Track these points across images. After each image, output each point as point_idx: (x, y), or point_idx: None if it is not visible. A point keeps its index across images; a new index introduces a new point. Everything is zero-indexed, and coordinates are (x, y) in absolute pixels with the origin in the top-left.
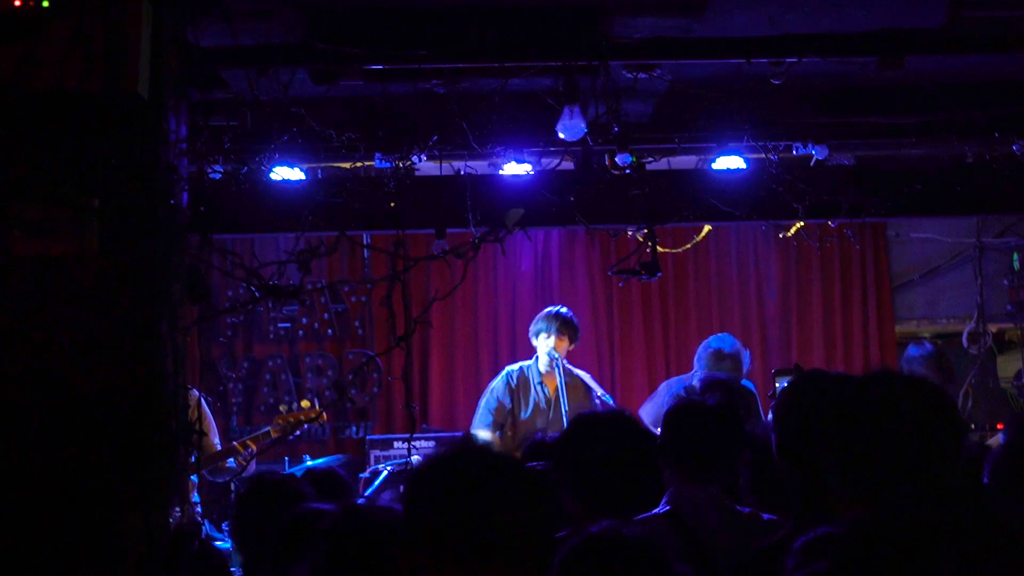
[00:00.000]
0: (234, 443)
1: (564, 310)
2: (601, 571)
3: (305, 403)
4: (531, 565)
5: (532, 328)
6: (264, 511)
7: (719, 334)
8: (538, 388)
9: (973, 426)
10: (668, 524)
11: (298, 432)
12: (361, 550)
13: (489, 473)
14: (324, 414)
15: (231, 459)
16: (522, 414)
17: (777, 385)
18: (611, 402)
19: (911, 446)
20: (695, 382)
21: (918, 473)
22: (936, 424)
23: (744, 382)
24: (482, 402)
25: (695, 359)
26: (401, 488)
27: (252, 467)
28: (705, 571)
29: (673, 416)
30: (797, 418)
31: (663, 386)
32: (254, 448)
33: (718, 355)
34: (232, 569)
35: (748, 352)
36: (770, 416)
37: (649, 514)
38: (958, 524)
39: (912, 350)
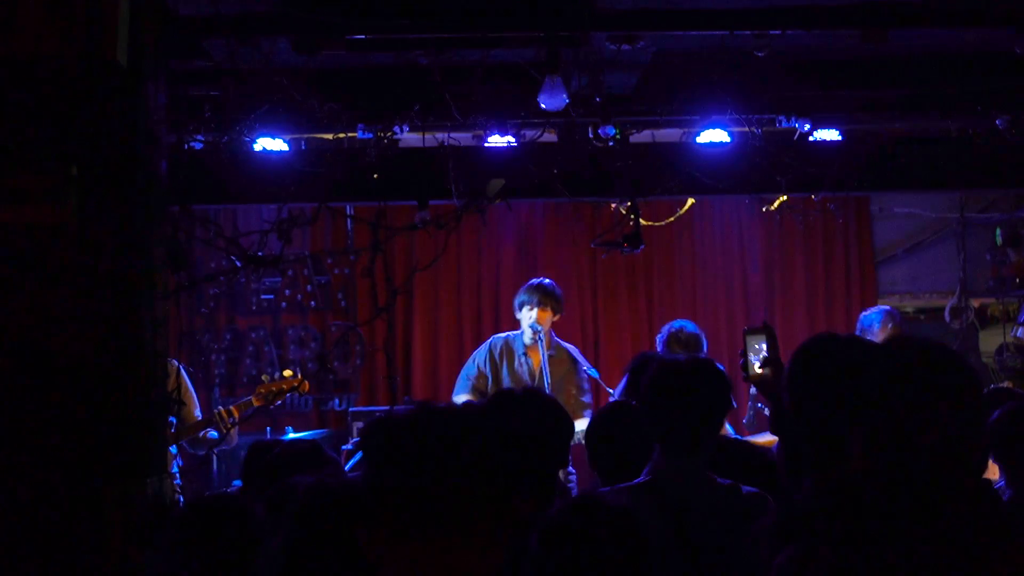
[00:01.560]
0: (217, 410)
1: (547, 281)
2: (581, 538)
3: (287, 372)
4: (494, 534)
5: (516, 300)
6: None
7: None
8: (523, 359)
9: None
10: (646, 494)
11: (279, 402)
12: (329, 526)
13: (450, 434)
14: (307, 383)
15: (212, 430)
16: (505, 384)
17: (748, 344)
18: (597, 376)
19: (924, 411)
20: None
21: (928, 438)
22: (951, 389)
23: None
24: (463, 370)
25: (658, 345)
26: None
27: (235, 439)
28: (683, 541)
29: (654, 382)
30: (813, 382)
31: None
32: (236, 416)
33: (678, 335)
34: None
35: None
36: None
37: (629, 483)
38: (947, 491)
39: None
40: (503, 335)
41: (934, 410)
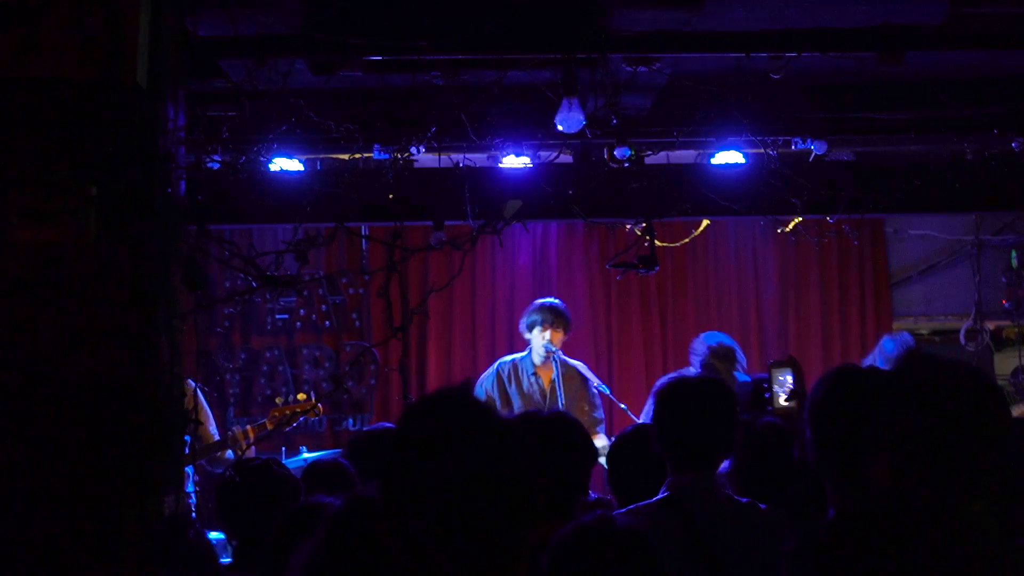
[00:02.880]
0: (232, 430)
1: (557, 301)
2: (591, 561)
3: (301, 396)
4: (521, 557)
5: (524, 321)
6: (248, 496)
7: (713, 332)
8: (532, 380)
9: None
10: (666, 510)
11: (295, 424)
12: (361, 538)
13: (477, 437)
14: (320, 406)
15: (229, 450)
16: (515, 406)
17: (773, 376)
18: (608, 392)
19: (953, 432)
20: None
21: (958, 460)
22: (977, 409)
23: (744, 376)
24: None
25: (691, 354)
26: None
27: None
28: (703, 557)
29: (663, 402)
30: (837, 411)
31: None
32: (252, 437)
33: (717, 351)
34: (223, 559)
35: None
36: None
37: (648, 502)
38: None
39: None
40: (509, 358)
41: (960, 435)
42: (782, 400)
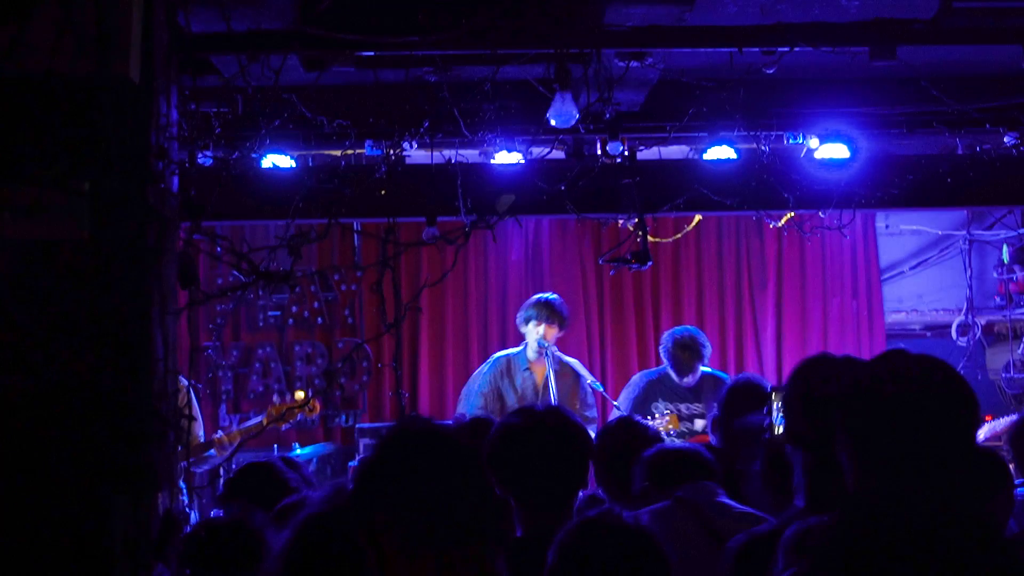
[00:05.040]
0: (216, 435)
1: (553, 297)
2: (597, 555)
3: (299, 394)
4: (485, 549)
5: (520, 316)
6: (250, 498)
7: (684, 326)
8: (525, 375)
9: None
10: (680, 510)
11: (291, 422)
12: (328, 539)
13: (435, 458)
14: (317, 405)
15: (212, 451)
16: (508, 401)
17: (774, 403)
18: (601, 389)
19: (925, 425)
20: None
21: (931, 455)
22: (950, 403)
23: (707, 368)
24: (473, 385)
25: (660, 347)
26: None
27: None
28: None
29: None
30: (806, 401)
31: (635, 377)
32: (233, 443)
33: (680, 340)
34: None
35: (708, 344)
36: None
37: (652, 507)
38: (947, 520)
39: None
40: (504, 353)
41: (927, 431)
42: (780, 429)
